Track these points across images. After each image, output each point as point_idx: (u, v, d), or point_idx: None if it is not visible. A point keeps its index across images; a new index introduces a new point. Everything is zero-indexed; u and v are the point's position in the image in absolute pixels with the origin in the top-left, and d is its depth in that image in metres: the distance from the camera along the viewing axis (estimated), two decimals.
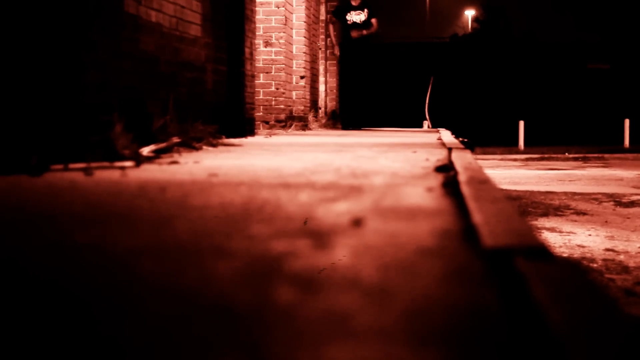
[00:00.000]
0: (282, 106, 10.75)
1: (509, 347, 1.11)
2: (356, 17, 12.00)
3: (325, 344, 1.11)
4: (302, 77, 12.01)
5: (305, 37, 12.04)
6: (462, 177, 3.28)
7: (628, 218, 7.66)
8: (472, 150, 6.09)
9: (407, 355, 1.06)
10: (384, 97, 26.33)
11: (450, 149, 5.59)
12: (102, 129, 4.27)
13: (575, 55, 27.56)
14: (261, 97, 10.50)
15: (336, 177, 3.58)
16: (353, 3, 12.08)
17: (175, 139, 5.24)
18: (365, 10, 12.05)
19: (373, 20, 12.06)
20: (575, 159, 17.78)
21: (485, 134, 24.30)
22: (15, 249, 1.87)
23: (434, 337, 1.15)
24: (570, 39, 28.05)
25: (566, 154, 19.15)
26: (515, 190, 10.29)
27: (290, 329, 1.18)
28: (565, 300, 1.33)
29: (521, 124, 23.44)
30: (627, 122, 23.88)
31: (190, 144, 5.35)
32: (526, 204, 8.69)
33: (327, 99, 15.97)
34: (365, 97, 12.36)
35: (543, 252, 1.74)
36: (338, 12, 12.36)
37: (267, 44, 10.59)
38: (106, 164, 3.95)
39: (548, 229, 6.73)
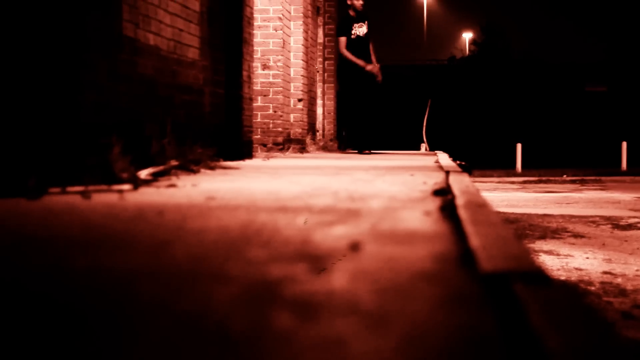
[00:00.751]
0: (279, 129, 10.79)
1: None
2: (359, 29, 11.85)
3: None
4: (299, 100, 12.06)
5: (303, 60, 12.10)
6: (460, 201, 3.29)
7: (625, 241, 7.65)
8: (470, 173, 6.10)
9: None
10: (382, 120, 26.43)
11: (447, 172, 5.60)
12: (100, 151, 4.28)
13: (572, 77, 27.70)
14: (259, 119, 10.54)
15: (334, 200, 3.58)
16: (352, 14, 11.88)
17: (173, 162, 5.25)
18: (366, 22, 11.93)
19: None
20: (573, 182, 17.79)
21: (482, 157, 24.35)
22: (12, 272, 1.86)
23: None
24: (568, 59, 28.17)
25: (564, 176, 19.16)
26: (513, 213, 10.30)
27: (288, 354, 1.18)
28: (562, 325, 1.32)
29: (519, 146, 23.50)
30: (624, 144, 23.95)
31: (188, 167, 5.36)
32: (524, 226, 8.68)
33: (325, 121, 16.03)
34: (363, 120, 12.30)
35: (540, 276, 1.74)
36: (342, 28, 12.01)
37: (265, 67, 10.65)
38: (104, 187, 3.95)
39: (545, 252, 6.72)
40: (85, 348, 1.22)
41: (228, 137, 7.71)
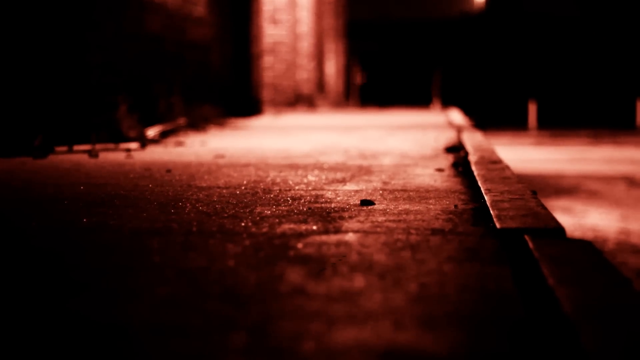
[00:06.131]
0: (289, 86, 10.70)
1: (521, 327, 1.07)
2: None
3: (333, 323, 1.07)
4: (309, 58, 11.94)
5: (312, 17, 11.95)
6: (473, 158, 3.24)
7: None
8: (483, 130, 6.03)
9: (418, 335, 1.02)
10: (392, 76, 26.17)
11: (460, 129, 5.53)
12: (107, 110, 4.24)
13: (586, 30, 27.23)
14: (268, 77, 10.44)
15: (345, 158, 3.54)
16: None
17: (181, 120, 5.21)
18: None
19: None
20: (587, 139, 17.66)
21: (495, 114, 24.16)
22: (19, 230, 1.84)
23: (445, 317, 1.10)
24: (582, 12, 27.61)
25: (578, 134, 19.00)
26: (527, 170, 10.23)
27: (297, 309, 1.14)
28: (578, 279, 1.29)
29: (532, 103, 23.27)
30: (639, 101, 23.65)
31: (197, 125, 5.32)
32: (538, 184, 8.62)
33: (335, 78, 15.90)
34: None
35: (555, 232, 1.70)
36: None
37: (274, 24, 10.51)
38: (111, 145, 3.91)
39: (560, 209, 6.67)
40: (89, 304, 1.19)
41: (237, 94, 7.64)
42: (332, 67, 15.60)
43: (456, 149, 3.83)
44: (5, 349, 0.99)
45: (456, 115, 9.02)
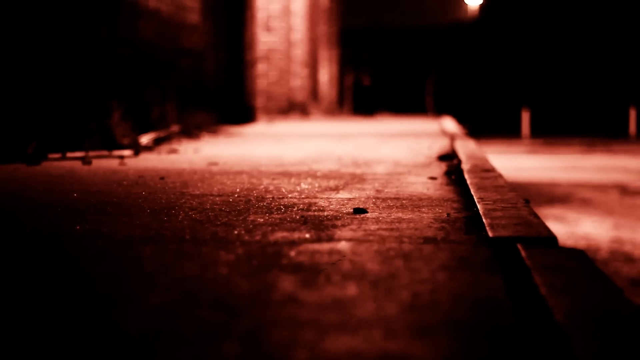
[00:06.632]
0: (282, 94, 10.71)
1: (513, 335, 1.07)
2: None
3: (326, 332, 1.07)
4: (302, 65, 11.95)
5: (306, 25, 11.97)
6: (466, 166, 3.25)
7: (634, 207, 7.60)
8: (476, 138, 6.05)
9: (409, 344, 1.02)
10: (386, 84, 26.22)
11: (453, 137, 5.55)
12: (101, 117, 4.23)
13: (578, 37, 27.31)
14: (261, 85, 10.45)
15: (338, 165, 3.55)
16: None
17: (175, 127, 5.21)
18: None
19: None
20: (581, 148, 17.72)
21: (489, 122, 24.23)
22: (13, 237, 1.83)
23: (437, 325, 1.11)
24: (576, 19, 27.63)
25: (571, 142, 19.05)
26: (520, 179, 10.25)
27: (289, 318, 1.14)
28: (571, 288, 1.29)
29: (525, 112, 23.34)
30: (632, 110, 23.75)
31: (190, 132, 5.32)
32: (531, 192, 8.64)
33: (329, 86, 15.92)
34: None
35: (548, 240, 1.71)
36: None
37: (268, 31, 10.53)
38: (104, 152, 3.91)
39: (553, 218, 6.68)
40: (85, 310, 1.19)
41: (230, 102, 7.64)
42: (326, 75, 15.62)
43: (449, 157, 3.84)
44: (6, 353, 0.99)
45: (449, 123, 9.04)
